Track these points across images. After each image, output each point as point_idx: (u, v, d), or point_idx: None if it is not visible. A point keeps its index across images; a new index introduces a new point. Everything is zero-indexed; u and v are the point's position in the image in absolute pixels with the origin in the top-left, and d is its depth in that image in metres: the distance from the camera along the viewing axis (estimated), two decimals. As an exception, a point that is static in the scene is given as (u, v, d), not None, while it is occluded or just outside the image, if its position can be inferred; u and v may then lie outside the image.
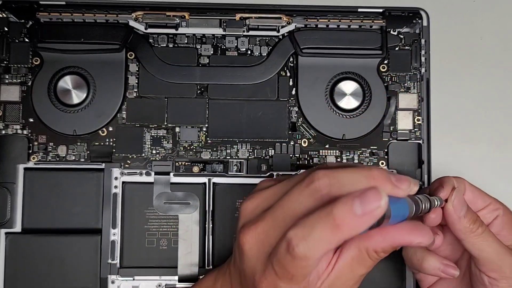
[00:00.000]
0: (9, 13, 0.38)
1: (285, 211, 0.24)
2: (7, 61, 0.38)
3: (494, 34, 0.41)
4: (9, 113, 0.37)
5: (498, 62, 0.41)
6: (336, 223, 0.21)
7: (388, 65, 0.38)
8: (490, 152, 0.40)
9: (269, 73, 0.38)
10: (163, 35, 0.38)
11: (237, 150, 0.38)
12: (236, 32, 0.38)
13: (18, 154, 0.37)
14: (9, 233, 0.36)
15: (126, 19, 0.38)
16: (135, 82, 0.38)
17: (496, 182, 0.40)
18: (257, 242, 0.25)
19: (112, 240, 0.37)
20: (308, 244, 0.22)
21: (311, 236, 0.22)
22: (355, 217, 0.21)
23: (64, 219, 0.37)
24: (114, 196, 0.37)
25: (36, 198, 0.37)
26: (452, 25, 0.41)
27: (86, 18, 0.38)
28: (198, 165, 0.38)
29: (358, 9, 0.38)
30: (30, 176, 0.37)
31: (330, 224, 0.21)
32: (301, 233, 0.22)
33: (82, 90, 0.37)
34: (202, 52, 0.38)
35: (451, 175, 0.37)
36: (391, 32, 0.39)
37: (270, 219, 0.24)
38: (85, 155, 0.37)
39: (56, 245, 0.36)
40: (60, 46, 0.38)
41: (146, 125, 0.38)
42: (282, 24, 0.38)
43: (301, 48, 0.38)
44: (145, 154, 0.38)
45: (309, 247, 0.22)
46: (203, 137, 0.38)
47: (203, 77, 0.38)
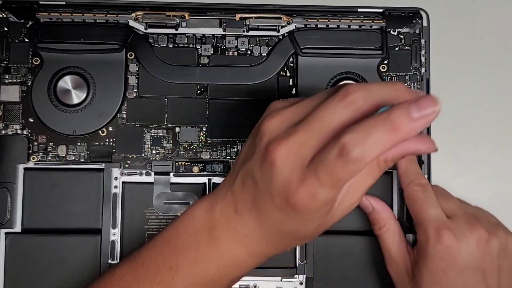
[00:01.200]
0: (9, 13, 0.38)
1: (321, 122, 0.25)
2: (7, 61, 0.38)
3: (494, 34, 0.41)
4: (9, 113, 0.37)
5: (498, 62, 0.41)
6: (395, 126, 0.23)
7: (388, 65, 0.38)
8: (490, 152, 0.40)
9: (269, 73, 0.38)
10: (163, 35, 0.38)
11: (237, 150, 0.38)
12: (236, 32, 0.38)
13: (18, 154, 0.37)
14: (9, 233, 0.36)
15: (126, 19, 0.38)
16: (135, 82, 0.38)
17: (496, 182, 0.40)
18: (290, 154, 0.25)
19: (112, 240, 0.37)
20: (364, 147, 0.23)
21: (368, 140, 0.23)
22: (412, 120, 0.23)
23: (64, 219, 0.37)
24: (114, 196, 0.37)
25: (36, 198, 0.37)
26: (452, 25, 0.41)
27: (86, 18, 0.38)
28: (198, 165, 0.38)
29: (358, 9, 0.38)
30: (30, 176, 0.37)
31: (388, 127, 0.23)
32: (357, 138, 0.23)
33: (82, 90, 0.37)
34: (202, 52, 0.38)
35: (451, 175, 0.37)
36: (391, 32, 0.39)
37: (304, 131, 0.25)
38: (85, 155, 0.37)
39: (56, 245, 0.36)
40: (60, 46, 0.38)
41: (146, 125, 0.38)
42: (282, 24, 0.38)
43: (301, 48, 0.38)
44: (145, 154, 0.38)
45: (365, 150, 0.23)
46: (203, 137, 0.38)
47: (203, 77, 0.38)
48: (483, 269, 0.32)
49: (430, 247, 0.32)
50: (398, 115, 0.23)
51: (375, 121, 0.24)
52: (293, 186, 0.25)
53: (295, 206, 0.26)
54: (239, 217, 0.29)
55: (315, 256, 0.37)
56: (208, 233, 0.29)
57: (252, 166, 0.28)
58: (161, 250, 0.30)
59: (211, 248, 0.29)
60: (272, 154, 0.26)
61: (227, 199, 0.29)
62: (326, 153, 0.24)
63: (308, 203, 0.25)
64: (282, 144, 0.25)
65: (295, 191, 0.25)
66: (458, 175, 0.38)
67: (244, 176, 0.28)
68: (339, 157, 0.24)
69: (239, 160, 0.30)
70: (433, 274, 0.32)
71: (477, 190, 0.37)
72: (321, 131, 0.25)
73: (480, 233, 0.32)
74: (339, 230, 0.37)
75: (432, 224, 0.32)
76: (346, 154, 0.23)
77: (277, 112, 0.27)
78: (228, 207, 0.29)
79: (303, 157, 0.25)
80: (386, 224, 0.35)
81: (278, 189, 0.26)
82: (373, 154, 0.23)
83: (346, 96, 0.25)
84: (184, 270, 0.29)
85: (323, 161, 0.24)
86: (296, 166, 0.25)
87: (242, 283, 0.37)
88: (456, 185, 0.37)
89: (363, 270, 0.37)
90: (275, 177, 0.26)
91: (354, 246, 0.37)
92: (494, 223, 0.34)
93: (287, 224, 0.27)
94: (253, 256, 0.30)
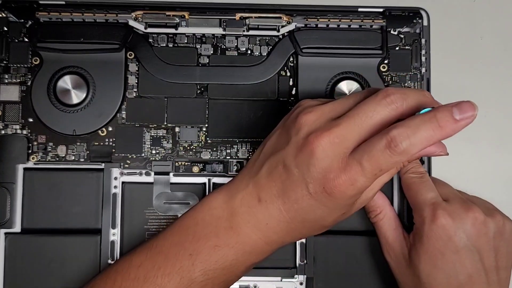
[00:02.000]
0: (9, 12, 0.38)
1: (364, 118, 0.28)
2: (7, 61, 0.38)
3: (494, 34, 0.41)
4: (9, 113, 0.37)
5: (498, 62, 0.41)
6: (440, 124, 0.26)
7: (388, 65, 0.38)
8: (490, 152, 0.40)
9: (269, 73, 0.38)
10: (163, 35, 0.38)
11: (237, 150, 0.38)
12: (236, 32, 0.38)
13: (17, 154, 0.37)
14: (9, 233, 0.36)
15: (126, 18, 0.38)
16: (135, 82, 0.38)
17: (496, 182, 0.40)
18: (332, 144, 0.28)
19: (112, 240, 0.37)
20: (412, 141, 0.26)
21: (416, 135, 0.26)
22: (454, 121, 0.26)
23: (64, 219, 0.37)
24: (113, 196, 0.37)
25: (35, 198, 0.37)
26: (452, 25, 0.41)
27: (85, 17, 0.38)
28: (198, 165, 0.38)
29: (358, 9, 0.38)
30: (29, 176, 0.37)
31: (434, 125, 0.26)
32: (406, 132, 0.26)
33: (82, 90, 0.37)
34: (202, 52, 0.38)
35: (451, 175, 0.37)
36: (391, 32, 0.39)
37: (348, 124, 0.28)
38: (85, 155, 0.37)
39: (56, 245, 0.36)
40: (59, 46, 0.37)
41: (146, 125, 0.38)
42: (282, 24, 0.38)
43: (301, 48, 0.38)
44: (145, 154, 0.38)
45: (412, 144, 0.26)
46: (203, 137, 0.38)
47: (203, 77, 0.38)
48: (480, 250, 0.32)
49: (426, 227, 0.33)
50: (443, 115, 0.26)
51: (422, 119, 0.26)
52: (333, 173, 0.28)
53: (332, 193, 0.28)
54: (262, 206, 0.30)
55: (315, 256, 0.37)
56: (227, 221, 0.31)
57: (285, 156, 0.29)
58: (179, 238, 0.32)
59: (230, 235, 0.31)
60: (313, 144, 0.28)
61: (249, 189, 0.31)
62: (373, 144, 0.27)
63: (345, 190, 0.28)
64: (324, 135, 0.28)
65: (335, 178, 0.28)
66: (458, 175, 0.38)
67: (272, 165, 0.30)
68: (386, 148, 0.26)
69: (264, 152, 0.31)
70: (430, 254, 0.32)
71: (477, 190, 0.37)
72: (363, 125, 0.28)
73: (475, 214, 0.33)
74: (339, 230, 0.37)
75: (427, 206, 0.33)
76: (395, 146, 0.26)
77: (313, 108, 0.30)
78: (249, 196, 0.31)
79: (345, 148, 0.28)
80: (382, 210, 0.36)
81: (316, 176, 0.28)
82: (418, 148, 0.26)
83: (387, 97, 0.28)
84: (203, 257, 0.31)
85: (369, 151, 0.27)
86: (337, 156, 0.28)
87: (242, 283, 0.37)
88: (456, 185, 0.37)
89: (363, 270, 0.37)
90: (315, 165, 0.28)
91: (354, 246, 0.37)
92: (491, 208, 0.35)
93: (314, 212, 0.29)
94: (271, 244, 0.31)
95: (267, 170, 0.30)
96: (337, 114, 0.29)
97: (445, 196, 0.34)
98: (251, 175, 0.31)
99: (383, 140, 0.27)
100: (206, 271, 0.31)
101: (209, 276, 0.31)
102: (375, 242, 0.37)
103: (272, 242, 0.31)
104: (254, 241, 0.31)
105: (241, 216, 0.31)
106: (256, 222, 0.30)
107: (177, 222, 0.33)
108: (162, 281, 0.30)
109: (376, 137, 0.27)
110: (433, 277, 0.32)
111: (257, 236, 0.31)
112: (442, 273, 0.32)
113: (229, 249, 0.31)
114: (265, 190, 0.30)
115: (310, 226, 0.31)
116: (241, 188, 0.31)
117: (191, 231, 0.32)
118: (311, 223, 0.30)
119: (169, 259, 0.31)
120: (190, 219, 0.32)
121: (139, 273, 0.31)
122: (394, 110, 0.28)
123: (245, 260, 0.31)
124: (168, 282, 0.30)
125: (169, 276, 0.31)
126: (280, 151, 0.30)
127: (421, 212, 0.33)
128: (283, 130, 0.31)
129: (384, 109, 0.28)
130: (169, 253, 0.31)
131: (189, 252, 0.31)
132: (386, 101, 0.28)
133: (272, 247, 0.32)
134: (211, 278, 0.31)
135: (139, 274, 0.31)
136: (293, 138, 0.29)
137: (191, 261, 0.31)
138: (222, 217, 0.31)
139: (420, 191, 0.34)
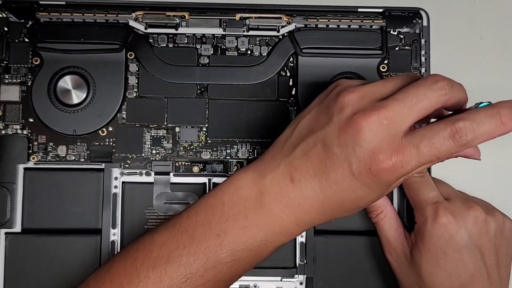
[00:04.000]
0: (9, 13, 0.38)
1: (413, 101, 0.28)
2: (7, 61, 0.38)
3: (494, 34, 0.41)
4: (9, 113, 0.37)
5: (498, 62, 0.41)
6: (502, 121, 0.27)
7: (388, 65, 0.38)
8: (490, 152, 0.40)
9: (269, 73, 0.38)
10: (163, 35, 0.38)
11: (237, 150, 0.38)
12: (236, 32, 0.38)
13: (18, 154, 0.37)
14: (9, 233, 0.36)
15: (126, 19, 0.38)
16: (135, 82, 0.38)
17: (496, 182, 0.40)
18: (381, 125, 0.27)
19: (112, 240, 0.37)
20: (475, 134, 0.27)
21: (480, 129, 0.27)
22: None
23: (64, 219, 0.37)
24: (114, 196, 0.37)
25: (36, 198, 0.37)
26: (452, 25, 0.41)
27: (86, 18, 0.38)
28: (198, 165, 0.38)
29: (358, 9, 0.38)
30: (30, 176, 0.37)
31: (497, 121, 0.27)
32: (472, 125, 0.27)
33: (82, 90, 0.37)
34: (202, 52, 0.38)
35: (451, 175, 0.37)
36: (391, 32, 0.39)
37: (397, 106, 0.28)
38: (85, 155, 0.37)
39: (56, 245, 0.36)
40: (60, 46, 0.38)
41: (146, 125, 0.38)
42: (282, 24, 0.38)
43: (301, 48, 0.38)
44: (145, 154, 0.38)
45: (476, 137, 0.27)
46: (203, 137, 0.38)
47: (203, 77, 0.38)
48: (481, 248, 0.32)
49: (428, 226, 0.33)
50: (506, 113, 0.27)
51: (487, 113, 0.27)
52: (383, 155, 0.27)
53: (378, 174, 0.27)
54: (295, 186, 0.29)
55: (315, 256, 0.37)
56: (256, 201, 0.30)
57: (325, 135, 0.29)
58: (206, 217, 0.31)
59: (260, 215, 0.30)
60: (360, 124, 0.27)
61: (281, 168, 0.30)
62: (436, 131, 0.27)
63: (394, 172, 0.27)
64: (373, 115, 0.27)
65: (385, 159, 0.27)
66: (458, 175, 0.38)
67: (309, 145, 0.29)
68: (450, 138, 0.27)
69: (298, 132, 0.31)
70: (432, 254, 0.32)
71: (477, 190, 0.37)
72: (413, 109, 0.28)
73: (476, 213, 0.33)
74: (339, 230, 0.37)
75: (429, 205, 0.33)
76: (460, 137, 0.27)
77: (355, 88, 0.29)
78: (281, 176, 0.30)
79: (395, 130, 0.27)
80: (383, 210, 0.36)
81: (362, 156, 0.27)
82: (479, 141, 0.27)
83: (437, 82, 0.28)
84: (232, 237, 0.30)
85: (431, 137, 0.27)
86: (387, 137, 0.27)
87: (242, 283, 0.37)
88: (456, 185, 0.37)
89: (363, 270, 0.37)
90: (361, 145, 0.27)
91: (354, 246, 0.37)
92: (490, 207, 0.35)
93: (354, 193, 0.29)
94: (301, 224, 0.31)
95: (303, 150, 0.29)
96: (381, 96, 0.29)
97: (446, 195, 0.34)
98: (283, 155, 0.30)
99: (448, 129, 0.27)
100: (234, 252, 0.30)
101: (236, 257, 0.30)
102: (375, 242, 0.37)
103: (302, 222, 0.30)
104: (285, 222, 0.30)
105: (272, 196, 0.30)
106: (288, 202, 0.30)
107: (202, 201, 0.32)
108: (187, 260, 0.30)
109: (440, 125, 0.27)
110: (435, 276, 0.32)
111: (288, 216, 0.30)
112: (444, 272, 0.32)
113: (259, 230, 0.30)
114: (299, 170, 0.29)
115: (345, 207, 0.30)
116: (271, 167, 0.30)
117: (217, 211, 0.31)
118: (348, 204, 0.30)
119: (194, 238, 0.30)
120: (216, 198, 0.31)
121: (162, 251, 0.30)
122: (443, 96, 0.28)
123: (275, 240, 0.31)
124: (193, 261, 0.30)
125: (194, 256, 0.30)
126: (319, 130, 0.29)
127: (423, 211, 0.33)
128: (320, 109, 0.30)
129: (434, 94, 0.28)
130: (195, 233, 0.30)
131: (216, 233, 0.30)
132: (437, 86, 0.28)
133: (302, 228, 0.31)
134: (238, 259, 0.30)
135: (162, 252, 0.30)
136: (335, 118, 0.29)
137: (219, 241, 0.30)
138: (251, 197, 0.30)
139: (422, 191, 0.34)
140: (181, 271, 0.30)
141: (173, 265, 0.30)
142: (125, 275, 0.31)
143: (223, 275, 0.31)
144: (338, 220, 0.37)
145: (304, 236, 0.37)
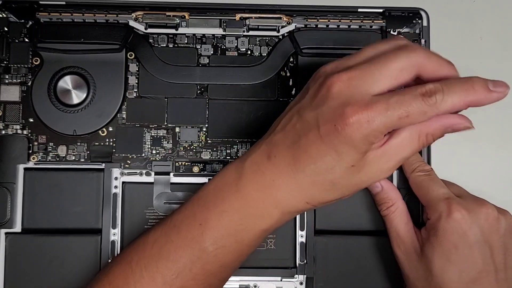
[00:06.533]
0: (9, 13, 0.38)
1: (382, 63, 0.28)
2: (7, 61, 0.38)
3: (494, 34, 0.41)
4: (9, 113, 0.37)
5: (498, 62, 0.41)
6: (474, 87, 0.27)
7: (388, 65, 0.38)
8: (490, 152, 0.40)
9: (269, 73, 0.38)
10: (163, 35, 0.38)
11: (237, 150, 0.38)
12: (236, 32, 0.38)
13: (18, 154, 0.37)
14: (9, 233, 0.36)
15: (126, 19, 0.38)
16: (135, 82, 0.38)
17: (496, 182, 0.40)
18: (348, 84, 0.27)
19: (112, 240, 0.37)
20: (445, 96, 0.27)
21: (450, 91, 0.27)
22: (487, 90, 0.28)
23: (64, 219, 0.37)
24: (114, 196, 0.37)
25: (36, 198, 0.37)
26: (452, 25, 0.41)
27: (86, 18, 0.38)
28: (198, 165, 0.38)
29: (358, 9, 0.38)
30: (30, 176, 0.37)
31: (469, 86, 0.27)
32: (442, 87, 0.27)
33: (82, 90, 0.37)
34: (202, 52, 0.38)
35: (451, 175, 0.37)
36: (391, 32, 0.39)
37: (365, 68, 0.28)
38: (85, 155, 0.37)
39: (56, 245, 0.36)
40: (60, 46, 0.38)
41: (146, 125, 0.38)
42: (282, 24, 0.38)
43: (301, 48, 0.38)
44: (145, 154, 0.38)
45: (445, 99, 0.27)
46: (203, 137, 0.38)
47: (203, 77, 0.38)
48: (491, 245, 0.32)
49: (442, 221, 0.33)
50: (478, 81, 0.28)
51: (459, 80, 0.28)
52: (350, 108, 0.27)
53: (344, 130, 0.27)
54: (271, 161, 0.29)
55: (315, 256, 0.37)
56: (235, 185, 0.30)
57: (301, 106, 0.29)
58: (192, 209, 0.31)
59: (236, 197, 0.30)
60: (331, 84, 0.28)
61: (261, 149, 0.30)
62: (408, 90, 0.27)
63: (359, 127, 0.27)
64: (341, 75, 0.28)
65: (352, 112, 0.27)
66: (458, 175, 0.38)
67: (287, 120, 0.30)
68: (420, 96, 0.27)
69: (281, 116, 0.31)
70: (444, 249, 0.32)
71: (477, 190, 0.37)
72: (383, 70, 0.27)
73: (488, 210, 0.33)
74: (339, 230, 0.37)
75: (442, 200, 0.33)
76: (429, 97, 0.27)
77: (331, 62, 0.30)
78: (260, 155, 0.30)
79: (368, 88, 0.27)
80: (395, 203, 0.36)
81: (330, 114, 0.27)
82: (449, 105, 0.27)
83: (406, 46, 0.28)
84: (212, 224, 0.30)
85: (401, 94, 0.27)
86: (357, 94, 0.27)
87: (242, 283, 0.37)
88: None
89: (363, 270, 0.37)
90: (329, 104, 0.28)
91: (354, 246, 0.37)
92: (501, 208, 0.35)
93: (322, 159, 0.28)
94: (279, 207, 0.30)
95: (282, 126, 0.30)
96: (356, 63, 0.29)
97: (457, 193, 0.35)
98: (264, 138, 0.31)
99: (418, 89, 0.27)
100: (216, 240, 0.30)
101: (219, 244, 0.30)
102: (376, 242, 0.37)
103: (280, 205, 0.30)
104: (260, 203, 0.30)
105: (248, 177, 0.30)
106: (263, 180, 0.29)
107: (192, 196, 0.32)
108: (175, 255, 0.30)
109: (411, 87, 0.27)
110: (446, 271, 0.32)
111: (263, 196, 0.30)
112: (454, 268, 0.32)
113: (235, 213, 0.30)
114: (276, 145, 0.29)
115: (318, 182, 0.29)
116: (253, 150, 0.31)
117: (202, 201, 0.31)
118: (320, 178, 0.29)
119: (180, 231, 0.30)
120: (204, 190, 0.32)
121: (153, 249, 0.31)
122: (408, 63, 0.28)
123: (253, 225, 0.30)
124: (180, 256, 0.30)
125: (181, 249, 0.30)
126: (296, 105, 0.30)
127: (436, 206, 0.33)
128: (303, 91, 0.31)
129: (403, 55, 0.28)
130: (181, 226, 0.31)
131: (199, 222, 0.30)
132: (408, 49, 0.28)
133: (281, 210, 0.30)
134: (221, 247, 0.30)
135: (153, 251, 0.31)
136: (311, 90, 0.29)
137: (201, 230, 0.30)
138: (231, 182, 0.30)
139: (432, 188, 0.34)
140: (171, 266, 0.30)
141: (163, 262, 0.30)
142: (121, 277, 0.31)
143: (211, 266, 0.30)
144: (338, 220, 0.37)
145: (304, 236, 0.37)
